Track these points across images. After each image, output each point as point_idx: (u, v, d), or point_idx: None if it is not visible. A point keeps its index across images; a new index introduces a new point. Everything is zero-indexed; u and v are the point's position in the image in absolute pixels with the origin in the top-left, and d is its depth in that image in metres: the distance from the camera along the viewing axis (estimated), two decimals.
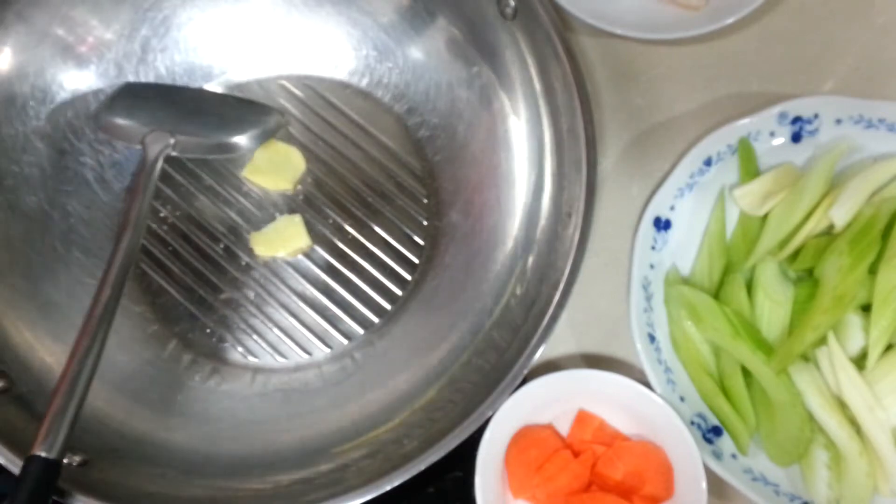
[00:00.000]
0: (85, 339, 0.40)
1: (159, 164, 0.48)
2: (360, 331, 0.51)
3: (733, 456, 0.46)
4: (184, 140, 0.50)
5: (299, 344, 0.50)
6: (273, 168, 0.53)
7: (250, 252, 0.52)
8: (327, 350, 0.50)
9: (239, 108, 0.54)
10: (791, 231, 0.48)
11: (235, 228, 0.52)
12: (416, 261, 0.52)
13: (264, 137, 0.52)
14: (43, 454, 0.37)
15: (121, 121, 0.51)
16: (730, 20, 0.52)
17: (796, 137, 0.50)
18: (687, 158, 0.49)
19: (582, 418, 0.48)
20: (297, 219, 0.52)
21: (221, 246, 0.52)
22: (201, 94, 0.54)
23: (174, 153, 0.50)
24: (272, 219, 0.52)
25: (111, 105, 0.52)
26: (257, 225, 0.52)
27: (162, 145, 0.49)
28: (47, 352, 0.47)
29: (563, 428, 0.48)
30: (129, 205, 0.46)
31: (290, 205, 0.53)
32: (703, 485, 0.43)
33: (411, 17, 0.52)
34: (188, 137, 0.50)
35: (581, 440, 0.47)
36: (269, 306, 0.51)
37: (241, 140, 0.51)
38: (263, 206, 0.53)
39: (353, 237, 0.52)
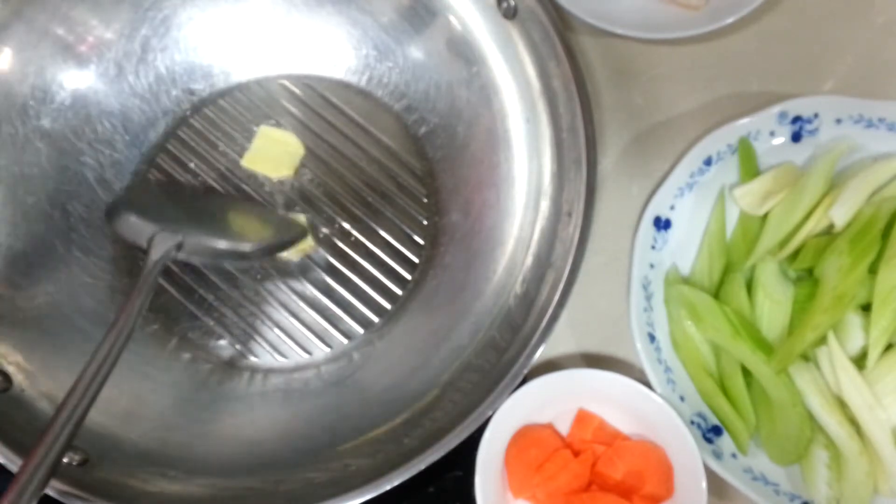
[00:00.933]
0: (53, 429, 0.37)
1: (160, 266, 0.45)
2: (360, 330, 0.51)
3: (733, 455, 0.46)
4: (193, 242, 0.47)
5: (299, 343, 0.50)
6: (272, 155, 0.53)
7: None
8: (327, 350, 0.50)
9: (260, 218, 0.52)
10: (791, 231, 0.48)
11: None
12: (416, 260, 0.52)
13: (279, 250, 0.50)
14: None
15: (131, 218, 0.47)
16: (730, 20, 0.52)
17: (796, 137, 0.50)
18: (687, 158, 0.49)
19: (582, 418, 0.48)
20: (301, 219, 0.52)
21: None
22: (224, 199, 0.52)
23: (180, 256, 0.47)
24: None
25: (123, 200, 0.50)
26: None
27: (167, 247, 0.45)
28: (47, 351, 0.47)
29: (563, 427, 0.48)
30: (124, 305, 0.42)
31: (291, 204, 0.53)
32: (703, 484, 0.43)
33: (411, 16, 0.52)
34: (198, 240, 0.47)
35: (581, 440, 0.47)
36: (269, 306, 0.51)
37: (253, 250, 0.48)
38: (265, 204, 0.53)
39: (354, 236, 0.52)
